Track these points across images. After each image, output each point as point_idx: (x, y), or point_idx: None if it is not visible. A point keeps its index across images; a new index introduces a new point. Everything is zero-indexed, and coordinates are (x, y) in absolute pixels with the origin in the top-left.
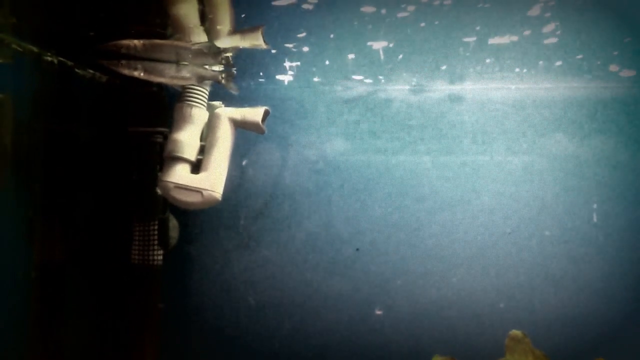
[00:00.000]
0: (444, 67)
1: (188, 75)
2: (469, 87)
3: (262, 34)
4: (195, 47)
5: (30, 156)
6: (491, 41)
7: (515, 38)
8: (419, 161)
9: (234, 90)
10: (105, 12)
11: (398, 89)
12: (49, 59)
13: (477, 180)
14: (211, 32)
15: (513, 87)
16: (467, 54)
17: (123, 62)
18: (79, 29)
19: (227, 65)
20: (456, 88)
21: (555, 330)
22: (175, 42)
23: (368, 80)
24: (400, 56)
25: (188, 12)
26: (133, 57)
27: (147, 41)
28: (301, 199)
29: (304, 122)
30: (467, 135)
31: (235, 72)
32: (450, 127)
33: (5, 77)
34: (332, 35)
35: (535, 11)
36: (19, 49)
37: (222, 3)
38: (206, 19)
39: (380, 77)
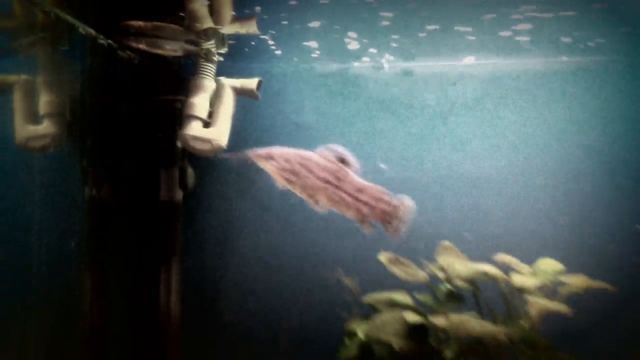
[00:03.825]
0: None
1: (177, 48)
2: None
3: (256, 22)
4: (203, 31)
5: (84, 120)
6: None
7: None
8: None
9: (213, 64)
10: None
11: (368, 67)
12: (102, 41)
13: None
14: (217, 21)
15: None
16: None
17: (132, 37)
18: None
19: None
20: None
21: None
22: (171, 25)
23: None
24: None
25: (200, 7)
26: (140, 34)
27: (149, 22)
28: None
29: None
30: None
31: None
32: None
33: (67, 57)
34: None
35: None
36: (82, 32)
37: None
38: (214, 11)
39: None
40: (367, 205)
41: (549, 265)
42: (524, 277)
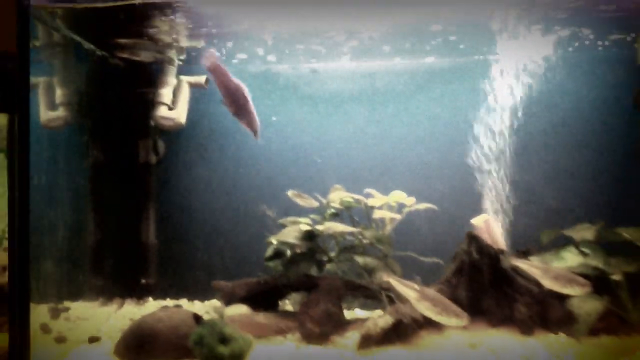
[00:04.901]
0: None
1: (150, 57)
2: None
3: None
4: (167, 44)
5: (86, 107)
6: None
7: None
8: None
9: (174, 66)
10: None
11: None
12: (98, 53)
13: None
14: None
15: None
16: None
17: (118, 49)
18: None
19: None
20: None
21: None
22: (145, 40)
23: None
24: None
25: (164, 27)
26: (124, 47)
27: (130, 39)
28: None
29: None
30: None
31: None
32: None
33: (74, 64)
34: None
35: None
36: (85, 47)
37: None
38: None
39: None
40: None
41: (397, 194)
42: (375, 200)
